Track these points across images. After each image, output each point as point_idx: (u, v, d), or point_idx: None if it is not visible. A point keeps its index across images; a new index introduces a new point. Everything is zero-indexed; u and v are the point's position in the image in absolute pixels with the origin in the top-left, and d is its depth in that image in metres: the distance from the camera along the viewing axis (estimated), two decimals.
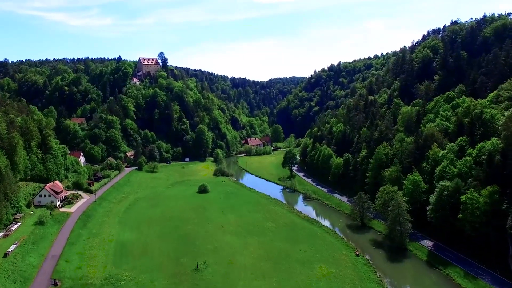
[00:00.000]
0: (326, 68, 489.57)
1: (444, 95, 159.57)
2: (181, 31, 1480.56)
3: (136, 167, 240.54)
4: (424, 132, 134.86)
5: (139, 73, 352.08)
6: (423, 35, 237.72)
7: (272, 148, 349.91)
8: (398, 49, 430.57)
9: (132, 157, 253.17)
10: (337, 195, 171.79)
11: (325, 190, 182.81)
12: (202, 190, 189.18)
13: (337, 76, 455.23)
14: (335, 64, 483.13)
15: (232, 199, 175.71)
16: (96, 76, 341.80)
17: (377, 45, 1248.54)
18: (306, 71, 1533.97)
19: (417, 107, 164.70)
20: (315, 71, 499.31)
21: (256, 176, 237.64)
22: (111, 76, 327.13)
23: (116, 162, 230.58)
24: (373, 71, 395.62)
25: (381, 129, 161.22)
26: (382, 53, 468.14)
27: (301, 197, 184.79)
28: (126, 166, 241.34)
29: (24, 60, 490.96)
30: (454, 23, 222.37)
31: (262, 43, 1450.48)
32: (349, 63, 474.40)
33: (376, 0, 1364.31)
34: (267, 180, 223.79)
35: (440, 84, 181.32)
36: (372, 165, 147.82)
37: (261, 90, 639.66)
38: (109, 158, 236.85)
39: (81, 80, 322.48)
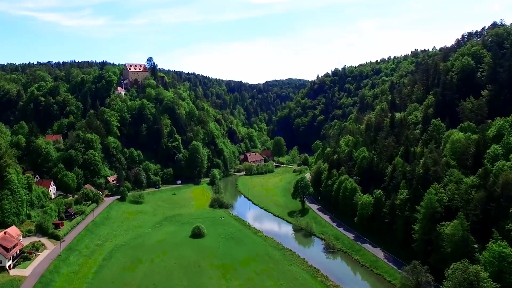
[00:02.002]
0: (329, 72, 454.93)
1: (509, 118, 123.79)
2: (174, 32, 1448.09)
3: (118, 197, 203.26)
4: (499, 175, 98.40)
5: (125, 81, 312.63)
6: (457, 39, 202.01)
7: (274, 164, 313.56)
8: (408, 53, 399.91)
9: (114, 182, 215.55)
10: (367, 246, 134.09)
11: (351, 236, 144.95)
12: (197, 234, 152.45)
13: (342, 81, 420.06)
14: (340, 69, 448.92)
15: (235, 249, 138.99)
16: (77, 84, 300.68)
17: (372, 45, 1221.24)
18: (303, 73, 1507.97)
19: (470, 133, 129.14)
20: (318, 76, 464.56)
21: (260, 207, 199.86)
22: (92, 85, 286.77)
23: (94, 192, 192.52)
24: (383, 77, 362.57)
25: (427, 164, 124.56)
26: (389, 56, 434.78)
27: (319, 243, 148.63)
28: (106, 195, 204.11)
29: (5, 64, 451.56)
30: (494, 24, 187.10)
31: (256, 43, 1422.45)
32: (355, 67, 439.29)
33: (367, 0, 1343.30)
34: (274, 215, 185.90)
35: (490, 101, 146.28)
36: (422, 216, 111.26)
37: (258, 94, 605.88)
38: (86, 186, 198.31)
39: (60, 89, 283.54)
